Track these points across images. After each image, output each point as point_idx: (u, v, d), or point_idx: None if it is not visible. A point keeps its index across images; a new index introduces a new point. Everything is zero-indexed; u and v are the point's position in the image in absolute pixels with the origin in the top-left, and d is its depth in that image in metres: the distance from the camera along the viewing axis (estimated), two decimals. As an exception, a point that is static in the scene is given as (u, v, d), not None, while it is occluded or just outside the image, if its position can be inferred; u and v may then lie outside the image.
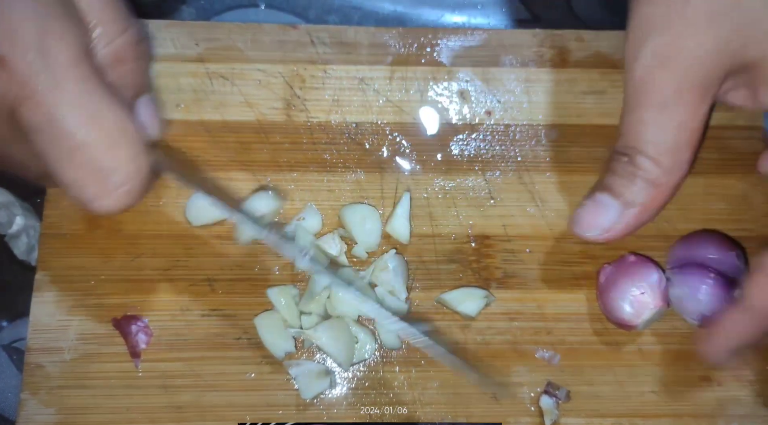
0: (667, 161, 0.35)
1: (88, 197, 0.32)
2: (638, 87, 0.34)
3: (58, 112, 0.30)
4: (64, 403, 0.42)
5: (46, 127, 0.30)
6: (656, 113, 0.34)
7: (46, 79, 0.29)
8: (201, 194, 0.38)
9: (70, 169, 0.31)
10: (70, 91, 0.30)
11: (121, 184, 0.33)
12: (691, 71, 0.33)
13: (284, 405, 0.43)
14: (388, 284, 0.43)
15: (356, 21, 0.57)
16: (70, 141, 0.31)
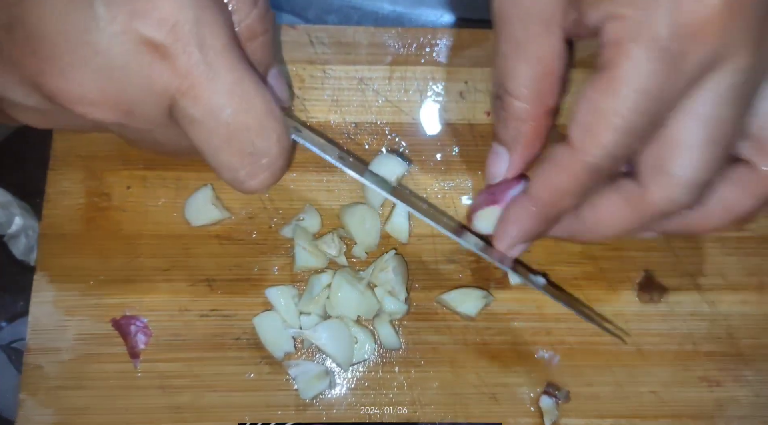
0: (526, 93, 0.36)
1: (241, 178, 0.33)
2: (497, 24, 0.36)
3: (218, 103, 0.30)
4: (63, 403, 0.42)
5: (204, 118, 0.30)
6: (512, 47, 0.36)
7: (205, 71, 0.29)
8: (332, 158, 0.38)
9: (226, 155, 0.32)
10: (227, 81, 0.30)
11: (271, 163, 0.34)
12: (532, 5, 0.35)
13: (283, 405, 0.43)
14: (388, 284, 0.43)
15: (355, 21, 0.56)
16: (226, 129, 0.31)
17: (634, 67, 0.31)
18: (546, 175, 0.36)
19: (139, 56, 0.28)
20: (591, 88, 0.33)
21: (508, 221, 0.39)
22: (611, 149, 0.33)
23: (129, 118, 0.30)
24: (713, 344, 0.45)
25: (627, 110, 0.32)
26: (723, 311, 0.46)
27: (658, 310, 0.46)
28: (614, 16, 0.32)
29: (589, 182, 0.35)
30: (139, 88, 0.29)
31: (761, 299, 0.46)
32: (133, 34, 0.27)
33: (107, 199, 0.46)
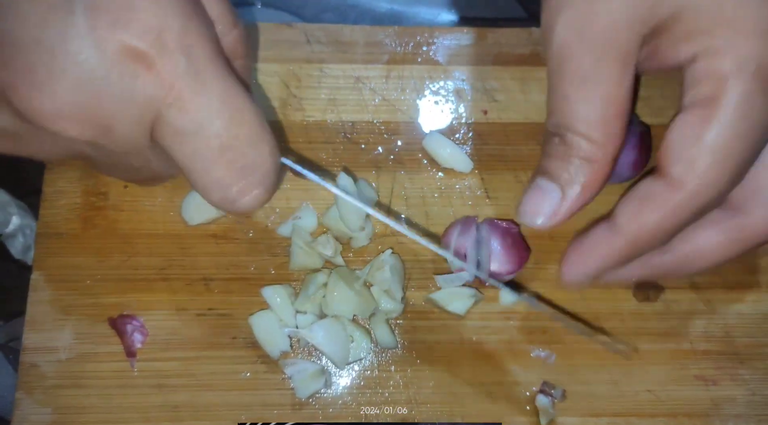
0: (597, 136, 0.33)
1: (232, 196, 0.32)
2: (558, 62, 0.33)
3: (207, 113, 0.29)
4: (60, 403, 0.42)
5: (193, 130, 0.29)
6: (578, 87, 0.33)
7: (193, 80, 0.28)
8: (315, 177, 0.36)
9: (216, 169, 0.30)
10: (217, 90, 0.29)
11: (264, 178, 0.32)
12: (606, 40, 0.32)
13: (280, 404, 0.43)
14: (385, 283, 0.43)
15: (352, 19, 0.56)
16: (217, 141, 0.30)
17: (745, 100, 0.30)
18: (639, 210, 0.33)
19: (122, 66, 0.26)
20: (692, 124, 0.31)
21: (586, 254, 0.35)
22: (721, 186, 0.32)
23: (107, 136, 0.28)
24: (709, 343, 0.45)
25: (736, 144, 0.31)
26: (719, 310, 0.46)
27: (655, 309, 0.46)
28: (711, 51, 0.31)
29: (691, 219, 0.33)
30: (121, 101, 0.27)
31: (758, 298, 0.46)
32: (115, 43, 0.26)
33: (104, 198, 0.46)
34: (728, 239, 0.35)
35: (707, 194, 0.32)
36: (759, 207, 0.34)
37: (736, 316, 0.46)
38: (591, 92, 0.33)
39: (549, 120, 0.35)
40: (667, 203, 0.32)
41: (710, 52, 0.31)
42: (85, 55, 0.26)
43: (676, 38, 0.32)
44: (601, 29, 0.32)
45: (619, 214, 0.34)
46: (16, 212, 0.47)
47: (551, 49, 0.33)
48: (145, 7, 0.26)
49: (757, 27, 0.30)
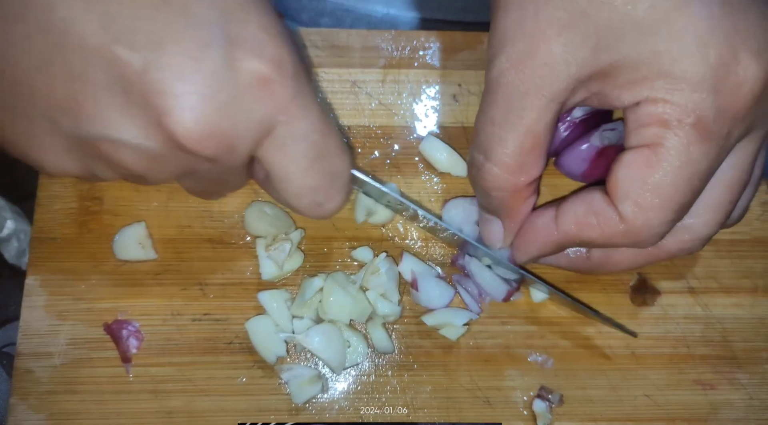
0: (512, 166, 0.36)
1: (320, 200, 0.36)
2: (492, 88, 0.36)
3: (308, 127, 0.33)
4: (54, 409, 0.42)
5: (297, 142, 0.33)
6: (504, 115, 0.35)
7: (300, 100, 0.32)
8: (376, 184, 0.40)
9: (310, 176, 0.35)
10: (314, 108, 0.33)
11: (344, 185, 0.37)
12: (539, 76, 0.34)
13: (276, 409, 0.43)
14: (381, 287, 0.43)
15: (348, 24, 0.56)
16: (315, 151, 0.34)
17: (687, 148, 0.33)
18: (584, 222, 0.37)
19: (252, 89, 0.31)
20: (639, 165, 0.34)
21: (528, 241, 0.40)
22: (661, 228, 0.35)
23: (229, 153, 0.32)
24: (707, 347, 0.45)
25: (680, 190, 0.34)
26: (716, 314, 0.46)
27: (652, 313, 0.46)
28: (653, 99, 0.33)
29: (627, 246, 0.37)
30: (248, 120, 0.31)
31: (754, 302, 0.46)
32: (250, 70, 0.30)
33: (99, 203, 0.46)
34: (642, 254, 0.39)
35: (647, 234, 0.35)
36: (675, 238, 0.38)
37: (734, 320, 0.46)
38: (513, 119, 0.35)
39: (474, 141, 0.38)
40: (609, 229, 0.36)
41: (650, 100, 0.33)
42: (227, 81, 0.30)
43: (619, 85, 0.34)
44: (535, 66, 0.34)
45: (564, 213, 0.38)
46: (10, 217, 0.47)
47: (489, 75, 0.36)
48: (271, 42, 0.31)
49: (698, 83, 0.32)
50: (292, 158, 0.34)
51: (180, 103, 0.29)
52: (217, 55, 0.29)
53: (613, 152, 0.44)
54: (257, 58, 0.30)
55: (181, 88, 0.29)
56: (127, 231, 0.45)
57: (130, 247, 0.44)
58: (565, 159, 0.45)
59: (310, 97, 0.33)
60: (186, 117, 0.29)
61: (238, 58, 0.30)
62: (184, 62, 0.29)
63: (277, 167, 0.34)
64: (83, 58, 0.29)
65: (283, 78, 0.31)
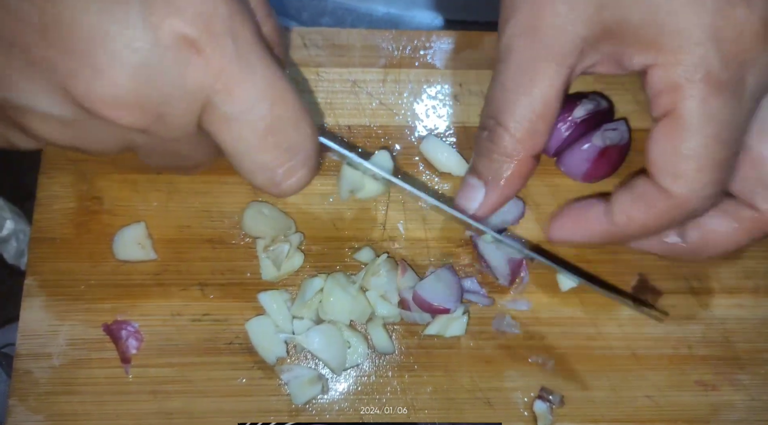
0: (521, 131, 0.36)
1: (278, 178, 0.32)
2: (504, 55, 0.35)
3: (255, 97, 0.29)
4: (53, 409, 0.42)
5: (240, 114, 0.29)
6: (515, 79, 0.35)
7: (240, 65, 0.29)
8: (353, 156, 0.38)
9: (262, 152, 0.31)
10: (261, 74, 0.29)
11: (307, 159, 0.33)
12: (548, 40, 0.34)
13: (276, 410, 0.43)
14: (381, 288, 0.43)
15: (349, 23, 0.56)
16: (263, 124, 0.30)
17: (702, 106, 0.32)
18: (632, 207, 0.36)
19: (175, 52, 0.27)
20: (664, 136, 0.33)
21: (576, 222, 0.39)
22: (707, 190, 0.34)
23: (159, 123, 0.29)
24: (708, 348, 0.45)
25: (711, 148, 0.33)
26: (718, 315, 0.46)
27: (652, 313, 0.45)
28: (659, 63, 0.33)
29: (681, 221, 0.36)
30: (173, 88, 0.28)
31: (757, 302, 0.46)
32: (169, 30, 0.27)
33: (98, 203, 0.45)
34: (739, 229, 0.37)
35: (695, 200, 0.34)
36: (762, 196, 0.36)
37: (735, 321, 0.46)
38: (525, 85, 0.35)
39: (484, 109, 0.37)
40: (657, 208, 0.35)
41: (659, 65, 0.33)
42: (141, 42, 0.26)
43: (628, 44, 0.34)
44: (543, 30, 0.34)
45: (614, 203, 0.37)
46: (9, 217, 0.46)
47: (500, 43, 0.36)
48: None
49: (698, 35, 0.32)
50: (238, 132, 0.30)
51: (84, 65, 0.26)
52: (130, 12, 0.26)
53: (614, 152, 0.44)
54: (177, 16, 0.27)
55: (84, 47, 0.26)
56: (126, 231, 0.44)
57: (129, 247, 0.44)
58: (566, 159, 0.44)
59: (257, 62, 0.29)
60: (93, 80, 0.26)
61: (155, 15, 0.26)
62: (90, 18, 0.26)
63: (224, 143, 0.31)
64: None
65: (213, 37, 0.27)
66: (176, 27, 0.27)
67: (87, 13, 0.26)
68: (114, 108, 0.27)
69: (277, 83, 0.30)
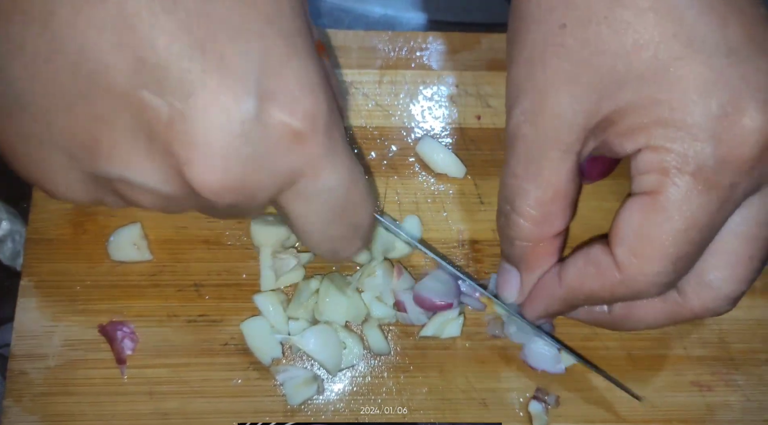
0: (536, 215, 0.36)
1: (338, 249, 0.36)
2: (511, 142, 0.36)
3: (336, 181, 0.32)
4: (48, 410, 0.42)
5: (321, 195, 0.32)
6: (525, 168, 0.36)
7: (329, 156, 0.31)
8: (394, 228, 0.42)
9: (331, 230, 0.34)
10: (343, 161, 0.32)
11: (365, 233, 0.36)
12: (552, 128, 0.34)
13: (271, 411, 0.43)
14: (376, 289, 0.43)
15: (346, 25, 0.56)
16: (340, 203, 0.33)
17: (685, 198, 0.32)
18: (584, 274, 0.36)
19: (282, 145, 0.29)
20: (637, 212, 0.33)
21: (535, 297, 0.40)
22: (658, 278, 0.34)
23: (250, 201, 0.31)
24: (704, 348, 0.45)
25: (677, 241, 0.33)
26: (714, 316, 0.46)
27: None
28: (654, 147, 0.33)
29: (627, 298, 0.36)
30: (270, 172, 0.30)
31: (752, 303, 0.46)
32: (281, 125, 0.29)
33: (94, 203, 0.45)
34: (664, 312, 0.38)
35: (644, 283, 0.34)
36: (697, 295, 0.36)
37: (731, 321, 0.46)
38: (533, 173, 0.36)
39: (500, 193, 0.39)
40: (606, 280, 0.35)
41: (652, 148, 0.33)
42: (256, 135, 0.28)
43: (621, 132, 0.34)
44: (548, 120, 0.34)
45: (566, 267, 0.38)
46: (5, 218, 0.46)
47: (508, 128, 0.37)
48: (306, 97, 0.29)
49: (698, 133, 0.31)
50: (314, 211, 0.33)
51: (203, 156, 0.28)
52: (248, 109, 0.28)
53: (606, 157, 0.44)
54: (290, 114, 0.29)
55: (206, 140, 0.28)
56: (122, 232, 0.44)
57: (125, 248, 0.44)
58: None
59: (340, 149, 0.32)
60: (208, 170, 0.28)
61: (271, 114, 0.29)
62: (213, 114, 0.28)
63: (298, 218, 0.33)
64: (110, 101, 0.28)
65: (315, 133, 0.30)
66: (287, 123, 0.29)
67: (210, 111, 0.27)
68: (218, 192, 0.29)
69: (353, 169, 0.33)
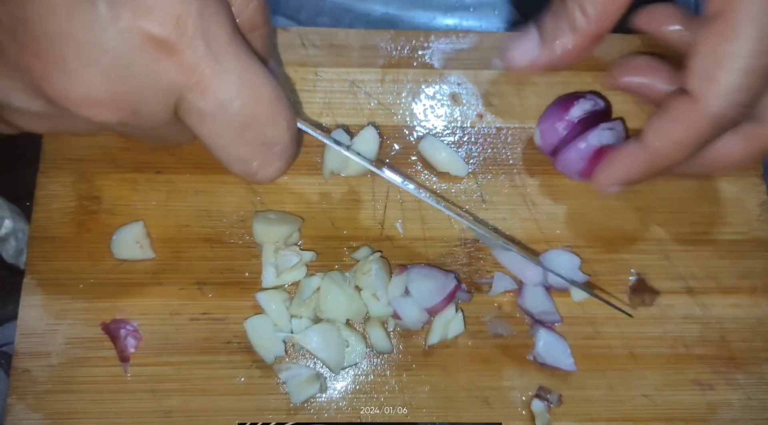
0: (591, 10, 0.36)
1: (254, 170, 0.33)
2: None
3: (227, 95, 0.29)
4: (52, 408, 0.42)
5: (214, 112, 0.30)
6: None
7: (213, 64, 0.29)
8: (325, 138, 0.39)
9: (237, 147, 0.32)
10: (235, 72, 0.29)
11: (283, 151, 0.34)
12: None
13: (274, 409, 0.43)
14: (371, 287, 0.43)
15: (347, 23, 0.56)
16: (237, 121, 0.30)
17: (751, 10, 0.32)
18: (665, 127, 0.36)
19: (145, 53, 0.27)
20: (707, 36, 0.33)
21: (614, 164, 0.39)
22: (738, 96, 0.33)
23: (134, 117, 0.29)
24: (705, 347, 0.45)
25: (750, 51, 0.32)
26: (715, 315, 0.46)
27: (650, 313, 0.46)
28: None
29: (713, 133, 0.35)
30: (145, 87, 0.28)
31: (753, 302, 0.46)
32: (137, 32, 0.27)
33: (97, 202, 0.46)
34: (745, 144, 0.37)
35: (729, 109, 0.33)
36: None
37: (732, 320, 0.46)
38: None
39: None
40: (691, 119, 0.34)
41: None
42: (111, 44, 0.26)
43: None
44: None
45: (646, 131, 0.37)
46: (8, 216, 0.47)
47: None
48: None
49: None
50: (213, 128, 0.31)
51: (56, 67, 0.26)
52: (96, 13, 0.26)
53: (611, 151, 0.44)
54: (146, 17, 0.26)
55: (52, 50, 0.26)
56: (125, 230, 0.45)
57: (128, 246, 0.44)
58: (563, 158, 0.45)
59: (229, 59, 0.29)
60: (64, 82, 0.26)
61: (123, 17, 0.26)
62: (59, 20, 0.26)
63: (201, 136, 0.31)
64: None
65: (184, 37, 0.27)
66: (145, 29, 0.27)
67: (55, 17, 0.26)
68: (88, 107, 0.27)
69: (253, 80, 0.30)
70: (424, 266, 0.45)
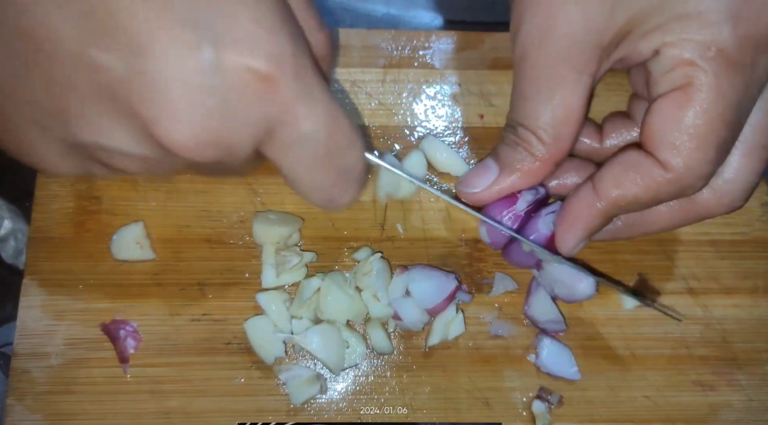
0: (546, 136, 0.36)
1: (334, 195, 0.34)
2: (519, 65, 0.36)
3: (315, 126, 0.31)
4: (51, 409, 0.42)
5: (302, 142, 0.31)
6: (534, 89, 0.35)
7: (305, 97, 0.30)
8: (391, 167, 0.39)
9: (319, 175, 0.33)
10: (321, 104, 0.31)
11: (358, 177, 0.35)
12: (563, 48, 0.34)
13: (274, 410, 0.43)
14: (371, 287, 0.43)
15: (348, 23, 0.56)
16: (322, 150, 0.32)
17: (715, 81, 0.32)
18: (625, 181, 0.36)
19: (249, 89, 0.28)
20: (672, 109, 0.33)
21: (572, 219, 0.38)
22: (707, 168, 0.34)
23: (229, 155, 0.30)
24: (707, 348, 0.45)
25: (715, 126, 0.33)
26: (716, 315, 0.46)
27: (651, 314, 0.45)
28: (672, 43, 0.33)
29: (672, 198, 0.36)
30: (244, 124, 0.29)
31: (754, 302, 0.46)
32: (244, 70, 0.28)
33: (97, 202, 0.45)
34: (678, 212, 0.38)
35: (691, 176, 0.34)
36: (711, 190, 0.36)
37: (734, 321, 0.46)
38: (545, 95, 0.35)
39: (509, 115, 0.38)
40: (651, 181, 0.35)
41: (671, 43, 0.33)
42: (218, 85, 0.27)
43: (638, 38, 0.34)
44: (557, 40, 0.34)
45: (602, 179, 0.37)
46: (8, 216, 0.46)
47: (514, 53, 0.36)
48: (266, 37, 0.28)
49: (714, 16, 0.32)
50: (298, 158, 0.32)
51: (167, 113, 0.27)
52: (205, 57, 0.27)
53: None
54: (250, 57, 0.28)
55: (167, 97, 0.27)
56: (125, 231, 0.44)
57: (128, 247, 0.44)
58: (514, 254, 0.43)
59: (316, 92, 0.31)
60: (175, 126, 0.28)
61: (228, 59, 0.27)
62: (168, 67, 0.27)
63: (284, 167, 0.33)
64: (63, 65, 0.27)
65: (283, 75, 0.29)
66: (251, 66, 0.28)
67: (170, 66, 0.27)
68: (195, 149, 0.28)
69: (333, 110, 0.32)
70: (424, 267, 0.44)
